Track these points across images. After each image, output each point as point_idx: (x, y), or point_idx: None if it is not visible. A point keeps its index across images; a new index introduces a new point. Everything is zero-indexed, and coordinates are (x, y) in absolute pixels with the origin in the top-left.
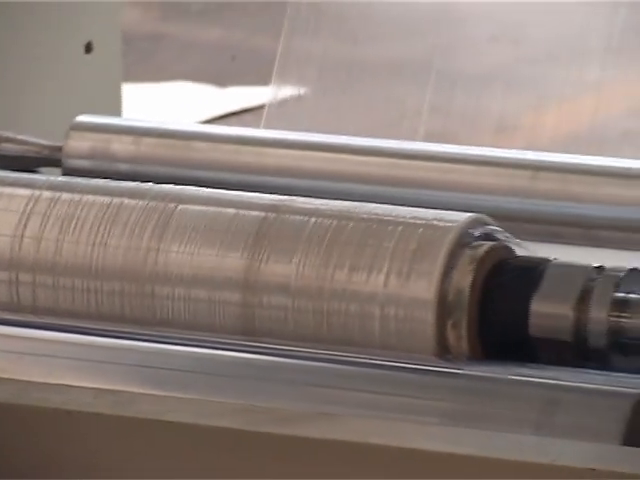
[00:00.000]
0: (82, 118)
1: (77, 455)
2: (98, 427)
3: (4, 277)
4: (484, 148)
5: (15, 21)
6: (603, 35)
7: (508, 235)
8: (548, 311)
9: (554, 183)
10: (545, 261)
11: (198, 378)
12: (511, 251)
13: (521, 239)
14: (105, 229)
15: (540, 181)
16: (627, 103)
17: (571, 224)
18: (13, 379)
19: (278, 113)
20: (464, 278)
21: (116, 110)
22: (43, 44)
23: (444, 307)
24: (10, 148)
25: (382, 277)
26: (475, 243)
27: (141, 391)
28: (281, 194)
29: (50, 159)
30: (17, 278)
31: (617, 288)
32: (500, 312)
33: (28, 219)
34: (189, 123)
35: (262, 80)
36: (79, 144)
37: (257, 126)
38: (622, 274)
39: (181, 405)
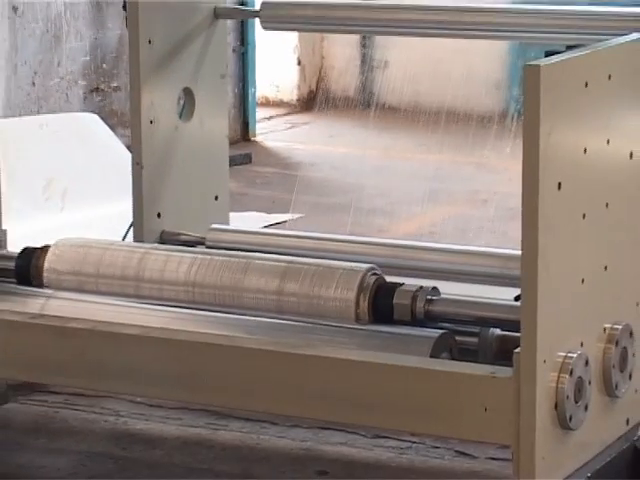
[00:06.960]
0: (214, 225)
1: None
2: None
3: (186, 289)
4: (381, 238)
5: None
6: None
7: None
8: (399, 303)
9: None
10: (399, 284)
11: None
12: (384, 279)
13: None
14: (215, 268)
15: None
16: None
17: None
18: None
19: (294, 224)
20: (367, 289)
21: (226, 222)
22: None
23: (359, 301)
24: (186, 238)
25: (332, 289)
26: (371, 275)
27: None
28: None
29: (200, 242)
30: (193, 290)
31: (427, 294)
32: (380, 304)
33: (192, 265)
34: (258, 228)
35: (286, 210)
36: (213, 235)
37: (284, 229)
38: (430, 288)
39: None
